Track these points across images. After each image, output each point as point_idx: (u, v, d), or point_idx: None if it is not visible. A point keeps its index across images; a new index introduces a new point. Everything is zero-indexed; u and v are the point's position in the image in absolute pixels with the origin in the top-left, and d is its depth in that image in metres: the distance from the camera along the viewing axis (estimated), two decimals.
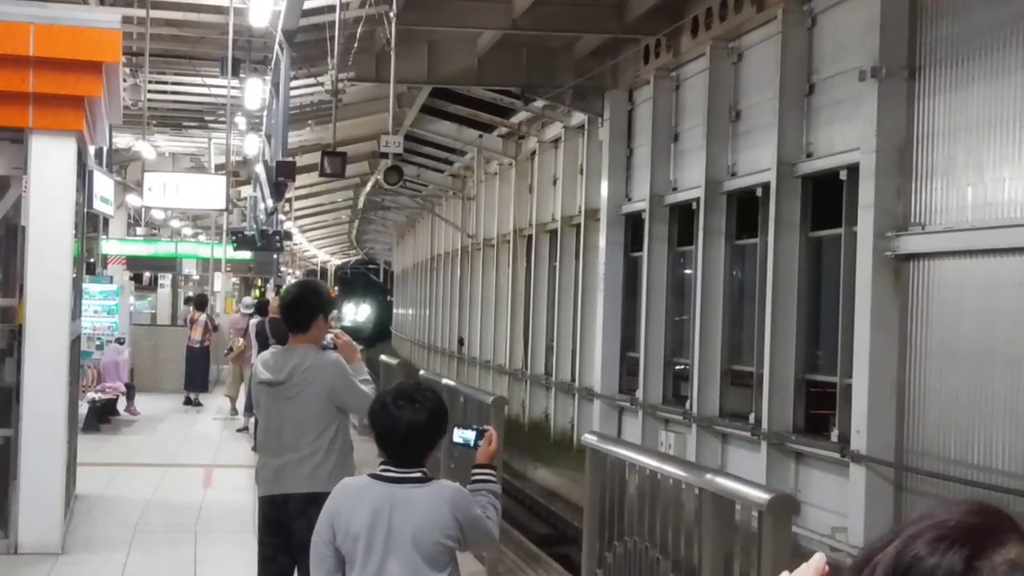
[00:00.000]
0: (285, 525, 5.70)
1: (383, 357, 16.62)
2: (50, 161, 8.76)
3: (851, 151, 12.51)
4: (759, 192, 14.85)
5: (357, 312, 75.11)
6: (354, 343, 6.16)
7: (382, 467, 3.90)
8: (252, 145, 22.67)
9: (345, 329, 7.57)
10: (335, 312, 22.30)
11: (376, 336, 60.78)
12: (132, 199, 25.65)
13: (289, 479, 5.72)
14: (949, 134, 11.19)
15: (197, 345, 20.83)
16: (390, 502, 3.80)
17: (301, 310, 5.87)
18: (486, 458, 4.15)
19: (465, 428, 4.30)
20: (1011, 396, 10.14)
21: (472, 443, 4.22)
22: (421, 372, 13.15)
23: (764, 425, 13.97)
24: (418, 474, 3.86)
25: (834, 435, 12.74)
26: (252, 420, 13.55)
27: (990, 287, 10.54)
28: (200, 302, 21.78)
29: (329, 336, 6.03)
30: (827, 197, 13.55)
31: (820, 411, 13.72)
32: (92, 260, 22.94)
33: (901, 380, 11.64)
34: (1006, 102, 10.37)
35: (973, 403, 10.64)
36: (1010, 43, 10.35)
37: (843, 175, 12.83)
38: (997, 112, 10.48)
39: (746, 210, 15.67)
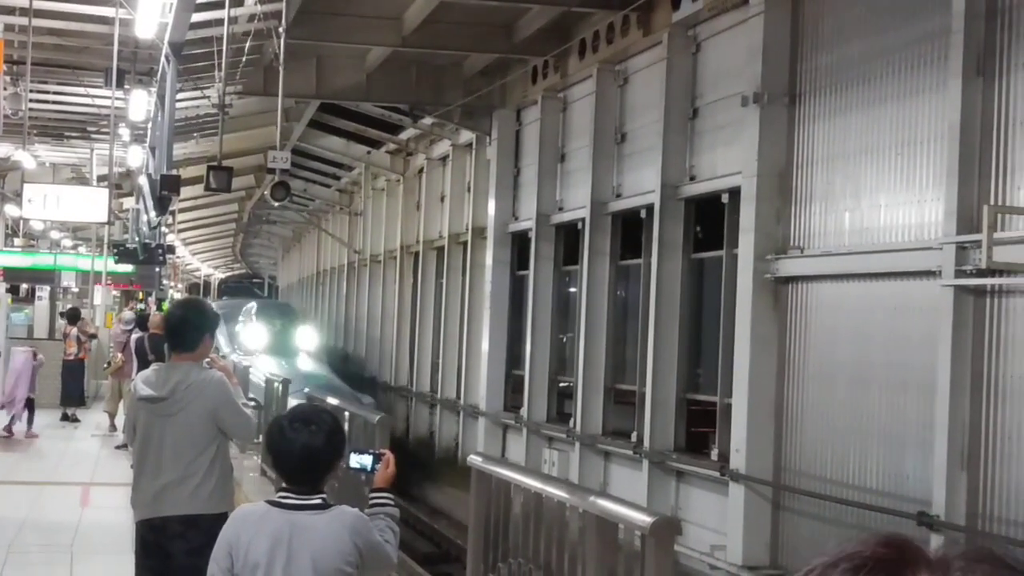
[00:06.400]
0: (164, 548, 5.61)
1: (268, 374, 16.44)
2: None
3: (733, 175, 12.75)
4: (643, 213, 15.05)
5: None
6: (230, 367, 6.09)
7: (280, 494, 3.87)
8: (136, 157, 22.32)
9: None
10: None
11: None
12: (11, 209, 25.07)
13: (168, 501, 5.62)
14: (828, 160, 11.48)
15: (72, 358, 20.43)
16: (289, 529, 3.77)
17: (187, 330, 5.81)
18: (384, 482, 4.14)
19: (361, 453, 4.28)
20: (884, 416, 10.42)
21: (370, 467, 4.21)
22: (306, 390, 13.05)
23: (646, 443, 14.13)
24: (317, 500, 3.83)
25: (714, 454, 12.94)
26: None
27: (865, 310, 10.82)
28: (72, 316, 21.38)
29: (205, 361, 5.92)
30: (709, 219, 13.79)
31: (701, 429, 13.94)
32: None
33: (779, 400, 11.88)
34: (882, 130, 10.68)
35: (848, 423, 10.90)
36: (885, 73, 10.67)
37: (725, 198, 13.07)
38: (873, 139, 10.78)
39: (630, 231, 15.87)
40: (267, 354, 23.14)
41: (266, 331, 25.09)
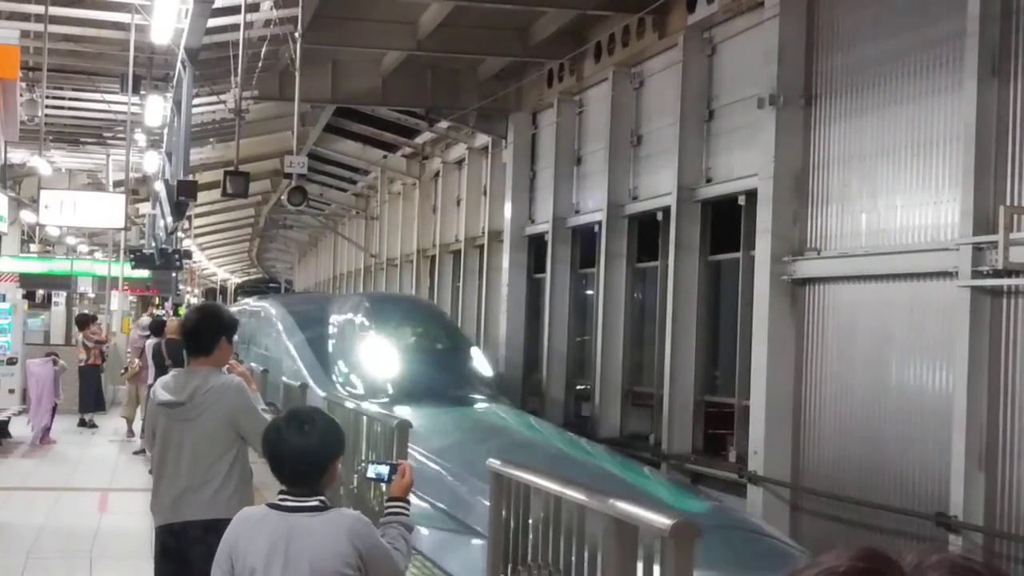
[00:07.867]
0: (183, 553, 5.61)
1: (284, 378, 16.45)
2: None
3: (749, 177, 12.74)
4: (660, 216, 15.05)
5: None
6: (248, 373, 6.10)
7: (280, 496, 3.86)
8: (152, 162, 22.37)
9: None
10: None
11: None
12: (27, 215, 25.16)
13: (188, 506, 5.63)
14: (844, 161, 11.46)
15: (83, 364, 20.44)
16: (287, 532, 3.75)
17: (203, 334, 5.82)
18: (400, 491, 4.15)
19: (379, 463, 4.31)
20: (902, 417, 10.39)
21: (386, 477, 4.23)
22: (323, 393, 13.08)
23: (664, 446, 14.12)
24: (315, 502, 3.81)
25: (732, 456, 12.92)
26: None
27: (882, 311, 10.80)
28: (81, 321, 21.36)
29: (224, 367, 5.92)
30: (726, 222, 13.78)
31: (718, 432, 13.92)
32: None
33: (797, 402, 11.86)
34: (897, 131, 10.66)
35: (866, 424, 10.87)
36: (900, 74, 10.65)
37: (741, 200, 13.06)
38: (889, 140, 10.76)
39: (647, 233, 15.87)
40: (413, 404, 13.28)
41: (401, 355, 15.05)
